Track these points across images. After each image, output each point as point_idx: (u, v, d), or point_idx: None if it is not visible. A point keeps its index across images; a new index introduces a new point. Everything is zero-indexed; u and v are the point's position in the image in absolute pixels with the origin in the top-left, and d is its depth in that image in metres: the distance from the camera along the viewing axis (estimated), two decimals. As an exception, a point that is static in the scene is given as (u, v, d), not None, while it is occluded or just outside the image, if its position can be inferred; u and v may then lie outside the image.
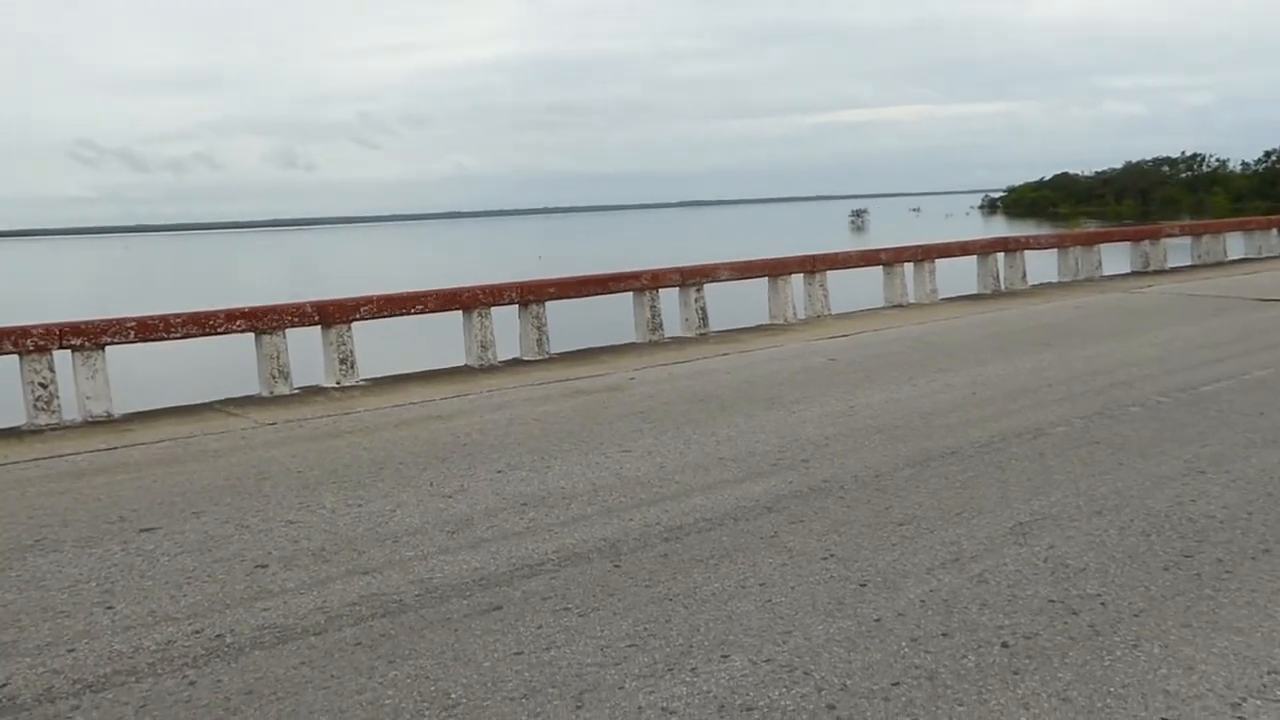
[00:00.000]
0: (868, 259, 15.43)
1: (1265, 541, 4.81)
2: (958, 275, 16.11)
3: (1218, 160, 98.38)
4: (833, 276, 14.23)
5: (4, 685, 3.80)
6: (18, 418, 8.84)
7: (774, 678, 3.65)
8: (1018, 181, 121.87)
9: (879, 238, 58.55)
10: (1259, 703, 3.39)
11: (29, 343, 8.85)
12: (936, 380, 8.99)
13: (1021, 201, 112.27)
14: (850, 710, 3.41)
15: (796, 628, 4.05)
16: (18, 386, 8.88)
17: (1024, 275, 16.31)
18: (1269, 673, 3.59)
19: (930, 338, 11.74)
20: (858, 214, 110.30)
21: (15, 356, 8.85)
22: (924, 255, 15.34)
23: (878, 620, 4.09)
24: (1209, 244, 19.23)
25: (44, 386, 8.83)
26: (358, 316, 10.43)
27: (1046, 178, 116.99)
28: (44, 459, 7.54)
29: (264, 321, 9.91)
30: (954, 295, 15.49)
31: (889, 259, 15.13)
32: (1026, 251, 16.68)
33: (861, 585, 4.45)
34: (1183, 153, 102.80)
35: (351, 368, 10.22)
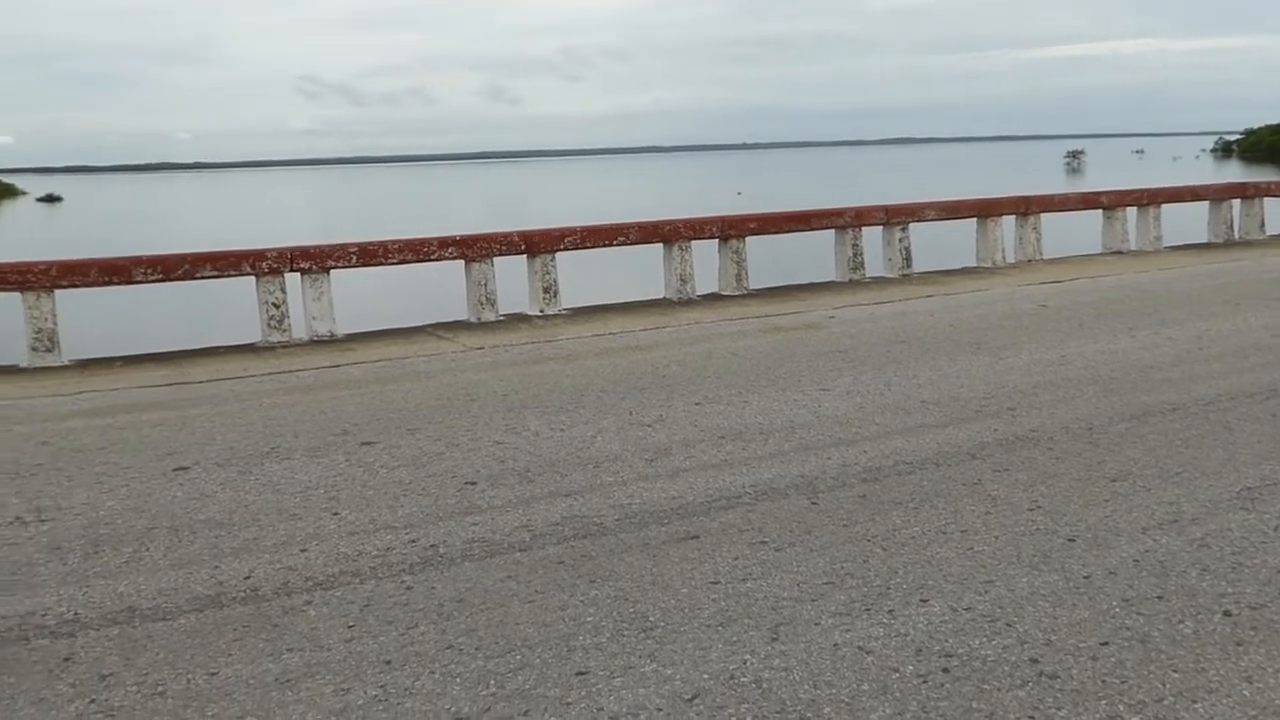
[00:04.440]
0: (1087, 201, 14.59)
1: None
2: (1187, 222, 15.04)
3: None
4: (1047, 219, 13.54)
5: (247, 578, 4.16)
6: (254, 334, 9.54)
7: (974, 626, 3.58)
8: (1258, 123, 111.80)
9: (1097, 181, 55.19)
10: None
11: (264, 265, 9.50)
12: (1158, 332, 8.47)
13: (1261, 145, 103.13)
14: (1055, 666, 3.31)
15: (999, 578, 3.95)
16: (254, 305, 9.56)
17: (1262, 224, 15.05)
18: None
19: (1152, 287, 11.03)
20: (1073, 155, 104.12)
21: (253, 278, 9.53)
22: (1149, 199, 14.37)
23: (1086, 577, 3.93)
24: None
25: (277, 306, 9.48)
26: (562, 247, 10.68)
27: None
28: (276, 373, 8.13)
29: (474, 250, 10.28)
30: (1181, 243, 14.47)
31: (1110, 202, 14.25)
32: (1266, 199, 15.36)
33: (1069, 540, 4.29)
34: None
35: (555, 296, 10.50)
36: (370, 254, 10.00)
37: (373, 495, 5.08)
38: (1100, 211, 14.28)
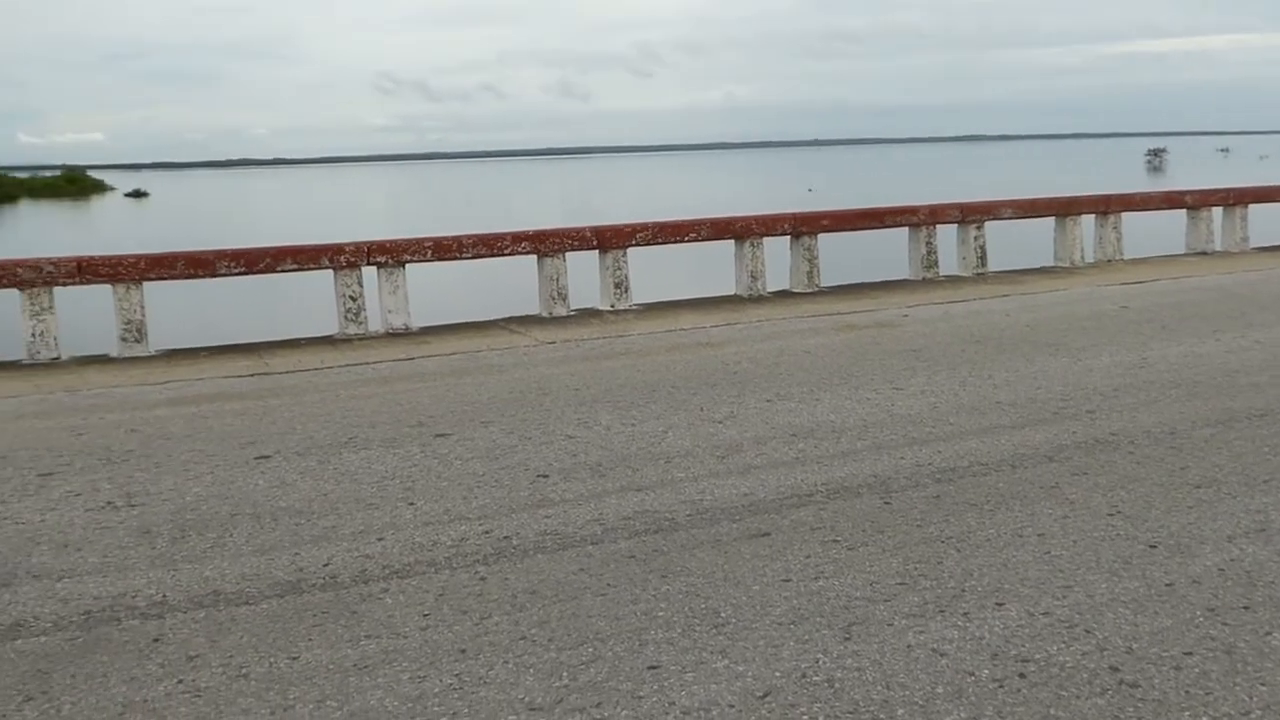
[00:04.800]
0: (1171, 200, 14.22)
1: None
2: (1275, 223, 14.57)
3: None
4: (1128, 219, 13.23)
5: (326, 565, 4.25)
6: (331, 327, 9.73)
7: (1052, 631, 3.52)
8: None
9: (1179, 180, 53.73)
10: None
11: (342, 259, 9.68)
12: (1244, 336, 8.23)
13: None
14: (1136, 674, 3.25)
15: (1077, 583, 3.88)
16: (331, 299, 9.75)
17: (1358, 223, 14.53)
18: None
19: (1238, 289, 10.73)
20: (1155, 153, 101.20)
21: (331, 272, 9.72)
22: (1236, 199, 13.96)
23: (1169, 585, 3.85)
24: None
25: (354, 299, 9.66)
26: (634, 242, 10.71)
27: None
28: (353, 365, 8.28)
29: (546, 245, 10.37)
30: (1270, 244, 14.03)
31: (1195, 202, 13.87)
32: (1363, 197, 14.83)
33: (1151, 546, 4.20)
34: None
35: (625, 292, 10.55)
36: (445, 249, 10.13)
37: (447, 486, 5.15)
38: (1184, 211, 13.91)
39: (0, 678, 3.42)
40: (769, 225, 11.37)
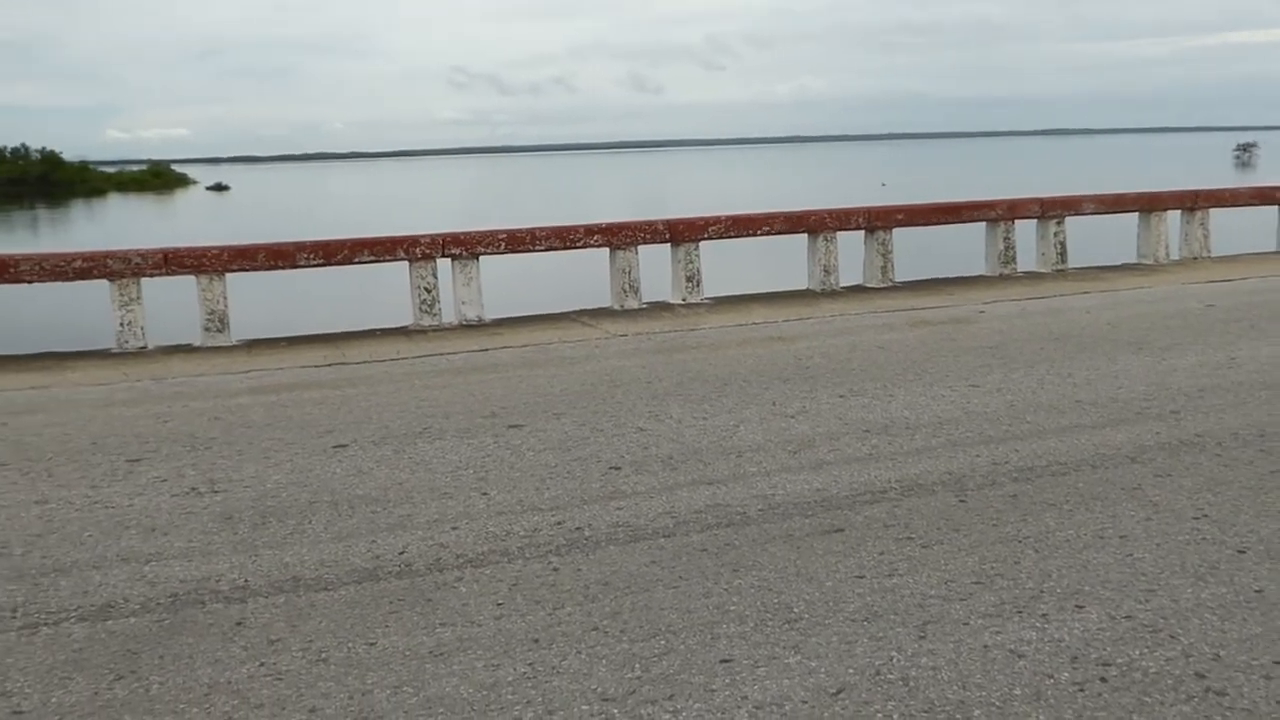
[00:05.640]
0: (1262, 196, 13.79)
1: None
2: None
3: None
4: (1216, 215, 12.84)
5: (402, 553, 4.32)
6: (406, 318, 9.87)
7: (1134, 636, 3.44)
8: None
9: (1271, 175, 52.00)
10: None
11: (417, 251, 9.82)
12: (1340, 334, 7.95)
13: None
14: (1224, 682, 3.16)
15: (1161, 587, 3.79)
16: (406, 290, 9.89)
17: None
18: None
19: (1333, 286, 10.36)
20: (1244, 148, 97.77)
21: (406, 263, 9.86)
22: (1332, 192, 13.47)
23: (1259, 591, 3.73)
24: None
25: (428, 291, 9.79)
26: (706, 235, 10.69)
27: None
28: (428, 356, 8.39)
29: (618, 238, 10.39)
30: (1366, 239, 13.52)
31: (1287, 196, 13.41)
32: None
33: (1240, 552, 4.08)
34: None
35: (697, 285, 10.53)
36: (519, 241, 10.21)
37: (520, 477, 5.20)
38: (1275, 208, 13.46)
39: (93, 657, 3.53)
40: (843, 219, 11.26)
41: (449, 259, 9.92)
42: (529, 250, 10.32)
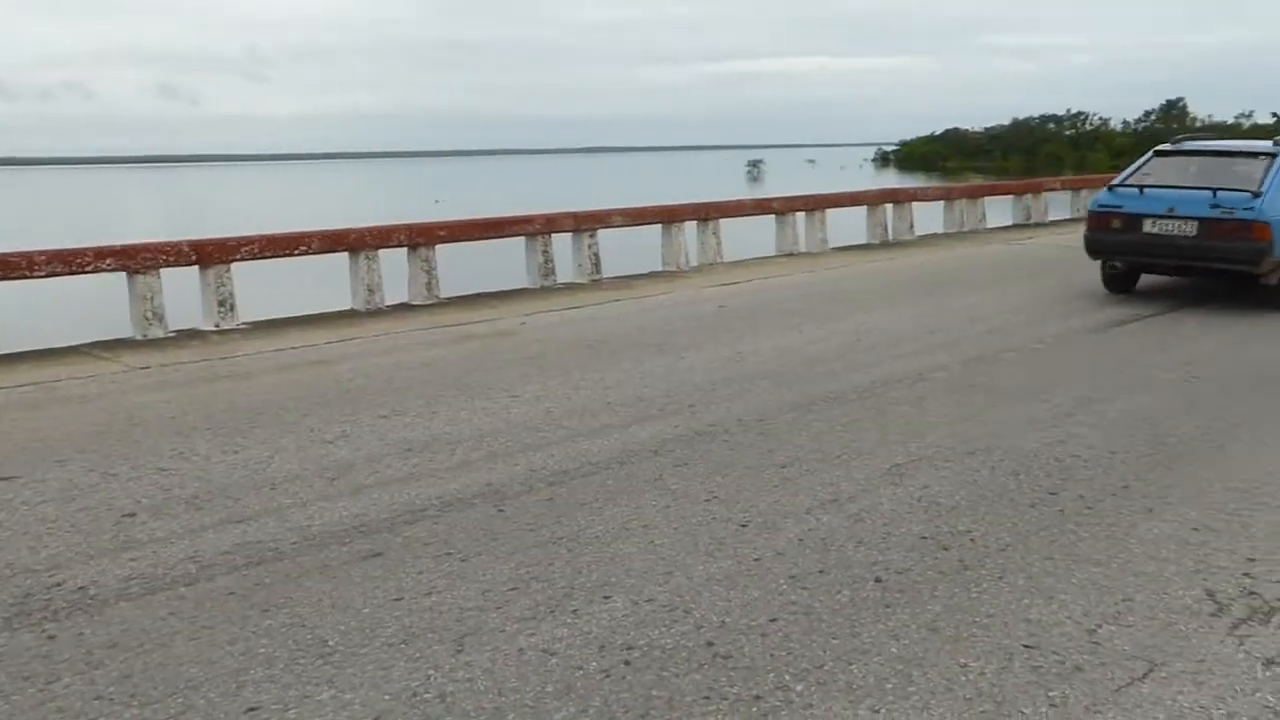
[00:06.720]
0: (761, 207, 15.53)
1: (1125, 479, 5.03)
2: (849, 225, 16.33)
3: (1100, 119, 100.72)
4: (726, 224, 14.28)
5: None
6: None
7: (654, 617, 3.68)
8: (910, 136, 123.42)
9: (774, 187, 58.99)
10: (1113, 628, 3.56)
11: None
12: (823, 327, 9.13)
13: (913, 155, 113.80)
14: (729, 646, 3.46)
15: (678, 568, 4.09)
16: None
17: (911, 226, 16.62)
18: (1123, 600, 3.77)
19: (819, 286, 11.90)
20: (754, 164, 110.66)
21: None
22: (815, 205, 15.50)
23: (757, 559, 4.15)
24: (1088, 198, 19.84)
25: (-105, 330, 8.32)
26: (238, 257, 10.07)
27: (938, 132, 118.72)
28: (-105, 406, 7.12)
29: (136, 261, 9.50)
30: (844, 245, 15.70)
31: (782, 208, 15.24)
32: (914, 203, 17.00)
33: (743, 526, 4.51)
34: (1068, 110, 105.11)
35: (231, 310, 9.89)
36: (11, 266, 8.97)
37: (9, 537, 4.54)
38: (774, 217, 15.23)
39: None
40: (384, 237, 11.12)
41: (-78, 292, 8.52)
42: (25, 277, 9.10)
